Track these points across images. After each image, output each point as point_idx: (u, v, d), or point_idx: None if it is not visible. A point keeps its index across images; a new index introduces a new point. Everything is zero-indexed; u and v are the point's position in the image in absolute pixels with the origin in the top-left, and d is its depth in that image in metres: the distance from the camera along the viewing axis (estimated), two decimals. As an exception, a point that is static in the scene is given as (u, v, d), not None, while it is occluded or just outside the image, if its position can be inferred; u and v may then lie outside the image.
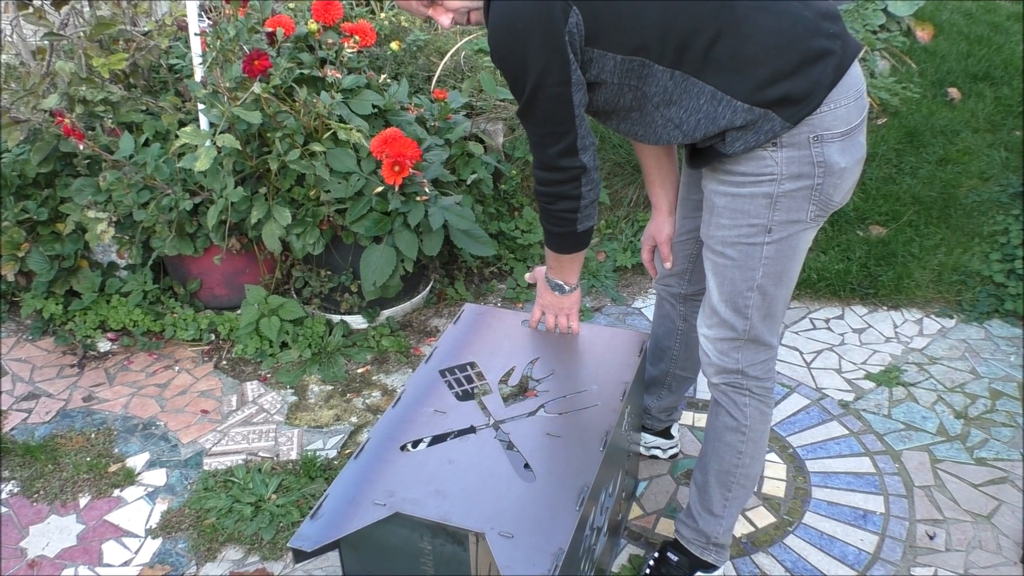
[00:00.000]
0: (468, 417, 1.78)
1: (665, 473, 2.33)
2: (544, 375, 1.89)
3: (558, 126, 1.59)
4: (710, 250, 1.72)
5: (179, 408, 2.63)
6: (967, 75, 4.18)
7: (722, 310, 1.73)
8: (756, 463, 1.87)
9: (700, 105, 1.55)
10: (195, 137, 2.53)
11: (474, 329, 2.05)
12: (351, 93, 2.78)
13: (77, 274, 2.92)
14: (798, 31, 1.53)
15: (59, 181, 2.87)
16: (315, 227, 2.73)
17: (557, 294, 1.94)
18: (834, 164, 1.58)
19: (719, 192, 1.66)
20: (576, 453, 1.69)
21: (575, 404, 1.81)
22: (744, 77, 1.51)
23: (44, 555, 2.15)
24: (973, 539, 2.12)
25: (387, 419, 1.78)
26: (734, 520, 1.92)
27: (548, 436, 1.73)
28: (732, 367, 1.77)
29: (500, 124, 3.47)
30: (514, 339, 2.01)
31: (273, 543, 2.15)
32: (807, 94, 1.53)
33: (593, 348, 1.98)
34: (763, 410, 1.82)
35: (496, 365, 1.92)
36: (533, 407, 1.80)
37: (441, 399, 1.83)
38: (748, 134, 1.55)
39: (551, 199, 1.69)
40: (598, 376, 1.88)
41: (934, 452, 2.38)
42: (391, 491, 1.61)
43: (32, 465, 2.41)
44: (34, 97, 2.78)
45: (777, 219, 1.62)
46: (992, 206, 3.36)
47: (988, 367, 2.70)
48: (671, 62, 1.52)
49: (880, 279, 3.06)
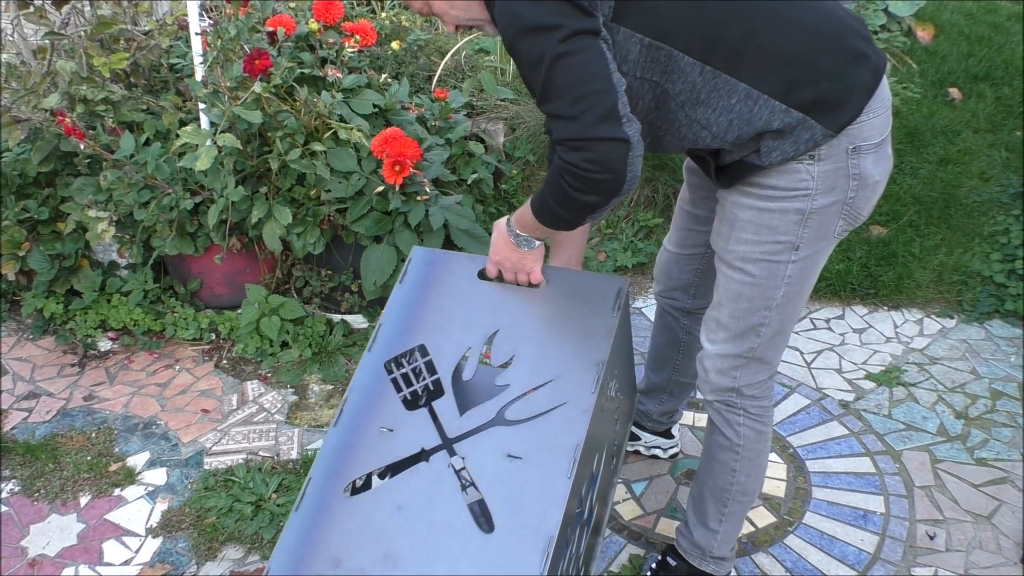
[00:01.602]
0: (418, 434, 1.56)
1: (665, 473, 2.33)
2: (504, 358, 1.61)
3: (592, 84, 1.34)
4: (727, 265, 1.62)
5: (179, 407, 2.63)
6: (968, 75, 4.18)
7: (733, 327, 1.65)
8: (753, 480, 1.82)
9: (732, 105, 1.44)
10: (196, 136, 2.53)
11: (423, 288, 1.71)
12: (352, 92, 2.78)
13: (78, 273, 2.92)
14: (838, 30, 1.46)
15: (60, 180, 2.87)
16: (316, 227, 2.73)
17: (522, 250, 1.63)
18: (868, 177, 1.51)
19: (743, 205, 1.55)
20: (540, 482, 1.48)
21: (540, 404, 1.56)
22: (780, 75, 1.42)
23: (45, 554, 2.15)
24: (973, 539, 2.12)
25: (329, 446, 1.57)
26: (733, 534, 1.89)
27: (509, 459, 1.51)
28: (728, 385, 1.71)
29: (501, 124, 3.47)
30: (468, 300, 1.69)
31: (273, 542, 2.14)
32: (846, 98, 1.45)
33: (561, 308, 1.66)
34: (759, 429, 1.77)
35: (448, 348, 1.63)
36: (492, 413, 1.56)
37: (387, 408, 1.59)
38: (786, 143, 1.45)
39: (585, 185, 1.38)
40: (566, 355, 1.59)
41: (934, 452, 2.38)
42: (336, 558, 1.46)
43: (33, 464, 2.41)
44: (35, 96, 2.78)
45: (806, 236, 1.54)
46: (993, 206, 3.36)
47: (988, 367, 2.70)
48: (700, 54, 1.41)
49: (881, 279, 3.06)
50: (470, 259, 1.73)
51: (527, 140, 3.47)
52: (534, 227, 1.57)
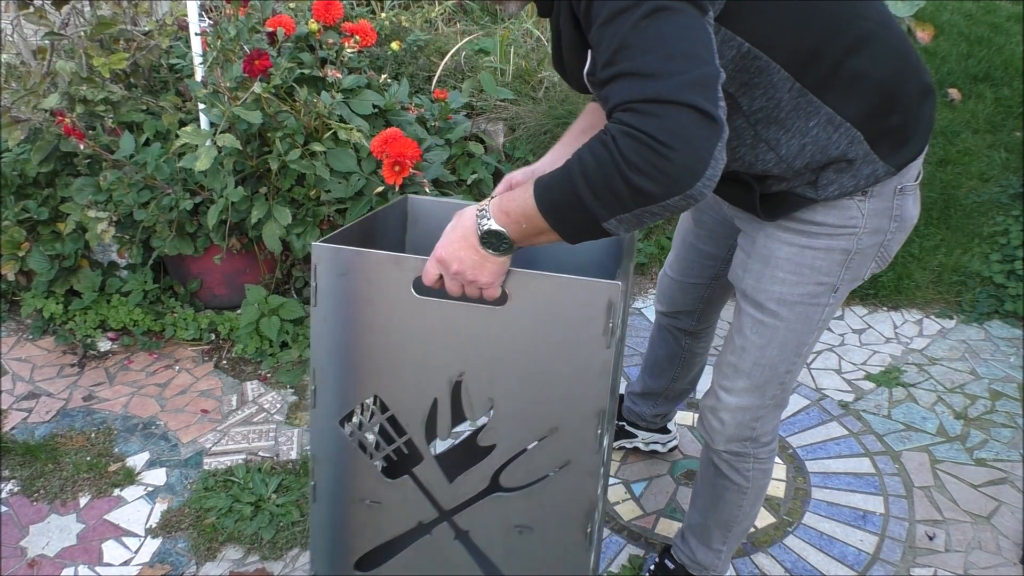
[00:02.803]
0: (409, 506, 1.39)
1: (665, 473, 2.33)
2: (481, 410, 1.32)
3: (695, 48, 1.03)
4: (757, 307, 1.47)
5: (179, 408, 2.63)
6: (967, 76, 4.18)
7: (756, 376, 1.51)
8: (757, 505, 1.76)
9: (810, 128, 1.30)
10: (195, 137, 2.53)
11: (346, 311, 1.31)
12: (351, 93, 2.78)
13: (77, 273, 2.92)
14: (914, 58, 1.35)
15: (59, 180, 2.87)
16: (315, 227, 2.73)
17: (486, 251, 1.18)
18: (908, 219, 1.43)
19: (782, 240, 1.42)
20: (559, 557, 1.36)
21: (538, 466, 1.32)
22: (863, 101, 1.29)
23: (44, 554, 2.15)
24: (973, 540, 2.12)
25: (317, 527, 1.44)
26: (733, 550, 1.86)
27: (518, 530, 1.37)
28: (747, 436, 1.59)
29: (500, 124, 3.47)
30: (412, 328, 1.30)
31: (273, 543, 2.15)
32: (912, 135, 1.35)
33: (537, 336, 1.26)
34: (765, 469, 1.68)
35: (408, 399, 1.34)
36: (486, 480, 1.35)
37: (364, 476, 1.38)
38: (845, 176, 1.33)
39: (648, 164, 1.00)
40: (556, 402, 1.29)
41: (934, 453, 2.38)
42: None
43: (32, 464, 2.41)
44: (35, 96, 2.78)
45: (846, 277, 1.43)
46: (992, 207, 3.36)
47: (988, 368, 2.70)
48: (797, 68, 1.25)
49: (880, 280, 3.06)
50: (394, 261, 1.27)
51: (527, 140, 3.47)
52: (524, 218, 1.14)
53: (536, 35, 3.74)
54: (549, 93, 3.59)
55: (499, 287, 1.23)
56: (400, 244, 1.70)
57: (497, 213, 1.17)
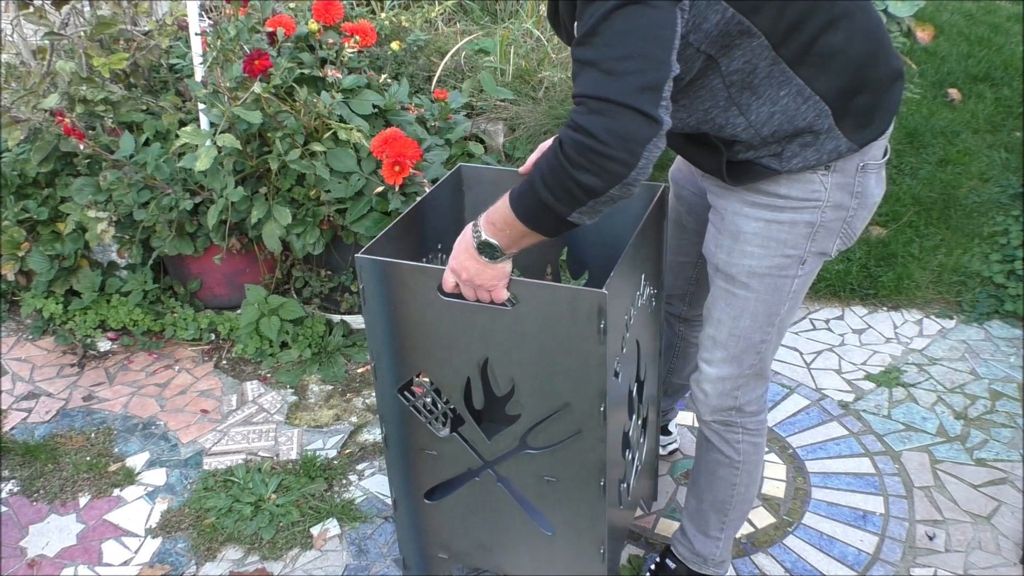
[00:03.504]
0: (459, 456, 1.71)
1: (665, 473, 2.33)
2: (506, 387, 1.59)
3: (652, 48, 1.15)
4: (729, 280, 1.55)
5: (179, 408, 2.63)
6: (967, 76, 4.18)
7: (732, 347, 1.59)
8: (752, 487, 1.82)
9: (780, 97, 1.35)
10: (195, 137, 2.53)
11: (389, 308, 1.61)
12: (351, 93, 2.78)
13: (77, 273, 2.92)
14: (887, 41, 1.41)
15: (59, 180, 2.87)
16: (315, 227, 2.73)
17: (483, 259, 1.39)
18: (869, 196, 1.49)
19: (748, 216, 1.49)
20: (579, 501, 1.64)
21: (556, 432, 1.59)
22: (835, 77, 1.35)
23: (44, 554, 2.15)
24: (973, 540, 2.12)
25: (394, 469, 1.81)
26: (733, 537, 1.89)
27: (546, 480, 1.65)
28: (730, 405, 1.67)
29: (500, 124, 3.46)
30: (441, 322, 1.57)
31: (273, 543, 2.15)
32: (877, 115, 1.41)
33: (544, 332, 1.50)
34: (756, 442, 1.75)
35: (447, 376, 1.63)
36: (516, 440, 1.63)
37: (421, 432, 1.72)
38: (809, 151, 1.39)
39: (587, 161, 1.17)
40: (567, 384, 1.53)
41: (934, 453, 2.38)
42: (446, 546, 1.85)
43: (32, 464, 2.41)
44: (34, 96, 2.78)
45: (812, 249, 1.49)
46: (992, 207, 3.36)
47: (988, 368, 2.70)
48: (778, 40, 1.29)
49: (880, 280, 3.06)
50: (420, 271, 1.54)
51: (527, 140, 3.47)
52: (506, 226, 1.33)
53: (536, 35, 3.74)
54: (549, 93, 3.59)
55: (503, 290, 1.44)
56: (460, 209, 1.97)
57: (485, 225, 1.37)
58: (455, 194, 1.95)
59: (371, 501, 2.26)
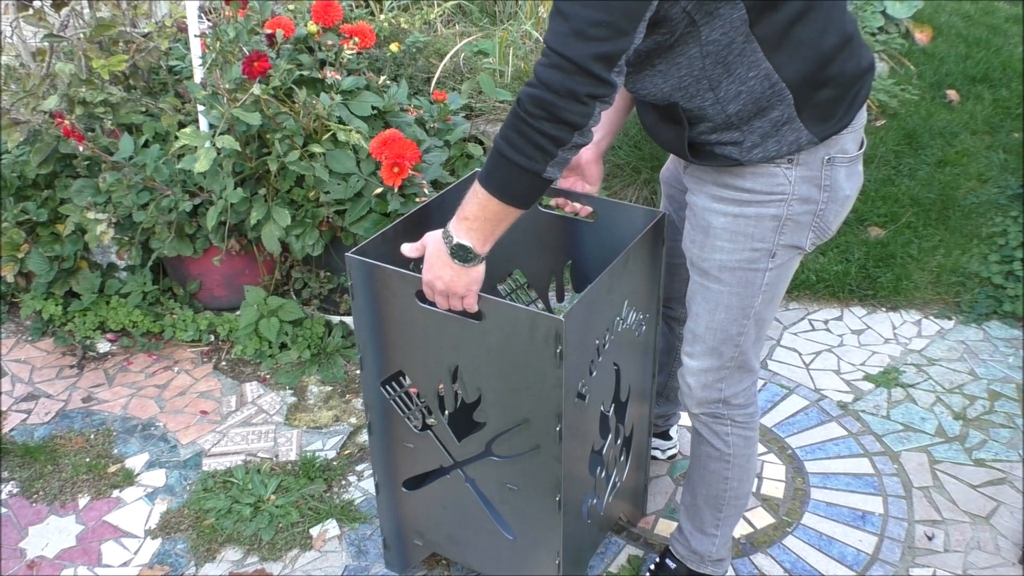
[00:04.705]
0: (431, 453, 1.79)
1: (664, 474, 2.33)
2: (473, 395, 1.66)
3: (623, 19, 1.24)
4: (703, 274, 1.59)
5: (178, 409, 2.63)
6: (965, 77, 4.19)
7: (710, 339, 1.62)
8: (745, 483, 1.83)
9: (748, 78, 1.38)
10: (195, 138, 2.54)
11: (374, 305, 1.70)
12: (350, 95, 2.78)
13: (77, 275, 2.92)
14: (857, 37, 1.44)
15: (59, 182, 2.87)
16: (314, 228, 2.73)
17: (457, 264, 1.44)
18: (839, 190, 1.51)
19: (716, 211, 1.53)
20: (536, 510, 1.70)
21: (518, 444, 1.65)
22: (802, 67, 1.38)
23: (43, 556, 2.15)
24: (972, 540, 2.12)
25: (377, 451, 1.89)
26: (730, 535, 1.90)
27: (508, 487, 1.71)
28: (715, 397, 1.69)
29: (499, 125, 3.47)
30: (418, 327, 1.65)
31: (272, 544, 2.15)
32: (839, 109, 1.44)
33: (508, 349, 1.56)
34: (747, 436, 1.76)
35: (423, 377, 1.71)
36: (482, 446, 1.70)
37: (400, 426, 1.80)
38: (770, 142, 1.43)
39: (546, 112, 1.28)
40: (527, 400, 1.59)
41: (933, 453, 2.38)
42: (420, 533, 1.94)
43: (31, 466, 2.41)
44: (34, 98, 2.78)
45: (782, 243, 1.52)
46: (990, 208, 3.37)
47: (987, 368, 2.70)
48: (755, 16, 1.32)
49: (879, 280, 3.06)
50: (401, 276, 1.61)
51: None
52: (481, 212, 1.38)
53: (535, 37, 3.75)
54: (548, 94, 3.59)
55: (475, 298, 1.50)
56: None
57: (457, 226, 1.43)
58: None
59: (370, 502, 2.26)
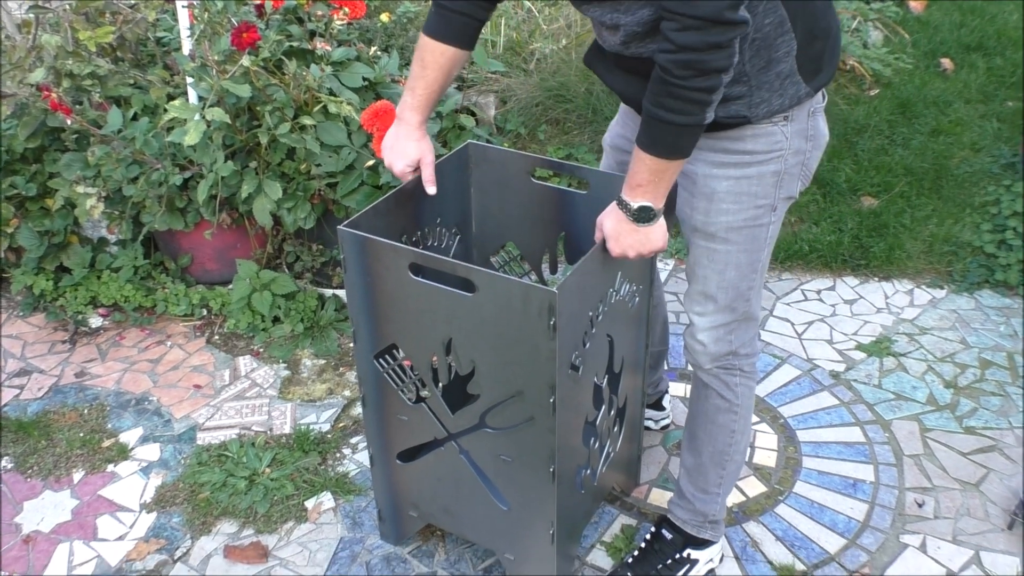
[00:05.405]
0: (426, 424, 1.79)
1: (657, 444, 2.34)
2: (467, 367, 1.66)
3: None
4: (709, 237, 1.63)
5: (172, 383, 2.63)
6: (960, 45, 4.17)
7: (722, 297, 1.68)
8: (747, 437, 1.88)
9: (764, 25, 1.42)
10: (184, 111, 2.51)
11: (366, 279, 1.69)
12: (341, 66, 2.76)
13: (67, 250, 2.90)
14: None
15: (47, 156, 2.85)
16: (306, 201, 2.72)
17: (642, 227, 1.51)
18: (821, 136, 1.60)
19: (719, 176, 1.58)
20: (531, 481, 1.71)
21: (511, 416, 1.65)
22: (809, 18, 1.46)
23: (39, 530, 2.15)
24: (961, 506, 2.14)
25: (371, 424, 1.89)
26: (727, 495, 1.92)
27: (502, 458, 1.72)
28: (727, 350, 1.74)
29: (491, 97, 3.44)
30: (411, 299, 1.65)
31: (267, 516, 2.16)
32: (830, 60, 1.53)
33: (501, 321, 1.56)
34: (750, 385, 1.82)
35: (417, 350, 1.70)
36: (476, 418, 1.70)
37: (394, 398, 1.80)
38: (774, 97, 1.49)
39: (694, 70, 1.32)
40: (521, 372, 1.59)
41: (924, 421, 2.40)
42: (415, 504, 1.95)
43: (25, 441, 2.41)
44: (20, 71, 2.75)
45: (781, 196, 1.60)
46: (983, 177, 3.36)
47: (978, 337, 2.71)
48: None
49: (871, 250, 3.06)
50: (394, 249, 1.61)
51: (518, 113, 3.45)
52: (654, 176, 1.44)
53: (527, 7, 3.72)
54: (540, 65, 3.57)
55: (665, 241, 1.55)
56: (465, 185, 2.00)
57: (631, 194, 1.48)
58: (461, 170, 1.97)
59: (365, 474, 2.27)
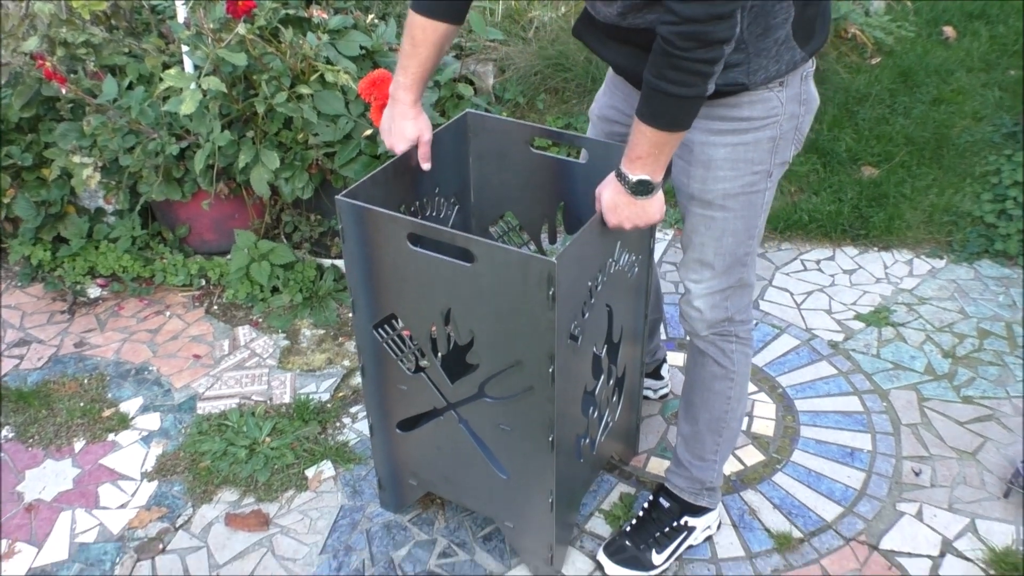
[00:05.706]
0: (425, 394, 1.80)
1: (656, 413, 2.35)
2: (466, 337, 1.66)
3: None
4: (706, 205, 1.63)
5: (171, 353, 2.63)
6: (962, 13, 4.14)
7: (719, 264, 1.68)
8: (743, 403, 1.89)
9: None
10: (179, 80, 2.49)
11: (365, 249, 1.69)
12: (338, 34, 2.73)
13: (64, 220, 2.89)
14: None
15: (42, 126, 2.83)
16: (304, 171, 2.70)
17: (640, 199, 1.51)
18: (813, 100, 1.61)
19: (716, 144, 1.57)
20: (530, 450, 1.71)
21: (511, 385, 1.66)
22: None
23: (41, 499, 2.17)
24: (958, 475, 2.16)
25: (370, 394, 1.90)
26: (724, 462, 1.93)
27: (501, 428, 1.73)
28: (723, 316, 1.75)
29: (490, 65, 3.42)
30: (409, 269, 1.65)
31: (268, 485, 2.17)
32: (822, 25, 1.53)
33: (501, 290, 1.56)
34: (746, 352, 1.83)
35: (415, 320, 1.70)
36: (475, 388, 1.71)
37: (393, 368, 1.80)
38: (771, 62, 1.48)
39: (697, 42, 1.31)
40: (520, 342, 1.59)
41: (921, 391, 2.41)
42: (415, 473, 1.97)
43: (26, 411, 2.42)
44: (14, 40, 2.72)
45: (776, 161, 1.61)
46: (985, 146, 3.35)
47: (977, 307, 2.72)
48: None
49: (871, 220, 3.06)
50: (392, 219, 1.60)
51: (517, 82, 3.43)
52: (654, 148, 1.43)
53: (525, -27, 3.67)
54: (539, 34, 3.54)
55: (662, 213, 1.56)
56: (464, 155, 1.99)
57: (630, 166, 1.47)
58: (459, 140, 1.96)
59: (364, 443, 2.28)
